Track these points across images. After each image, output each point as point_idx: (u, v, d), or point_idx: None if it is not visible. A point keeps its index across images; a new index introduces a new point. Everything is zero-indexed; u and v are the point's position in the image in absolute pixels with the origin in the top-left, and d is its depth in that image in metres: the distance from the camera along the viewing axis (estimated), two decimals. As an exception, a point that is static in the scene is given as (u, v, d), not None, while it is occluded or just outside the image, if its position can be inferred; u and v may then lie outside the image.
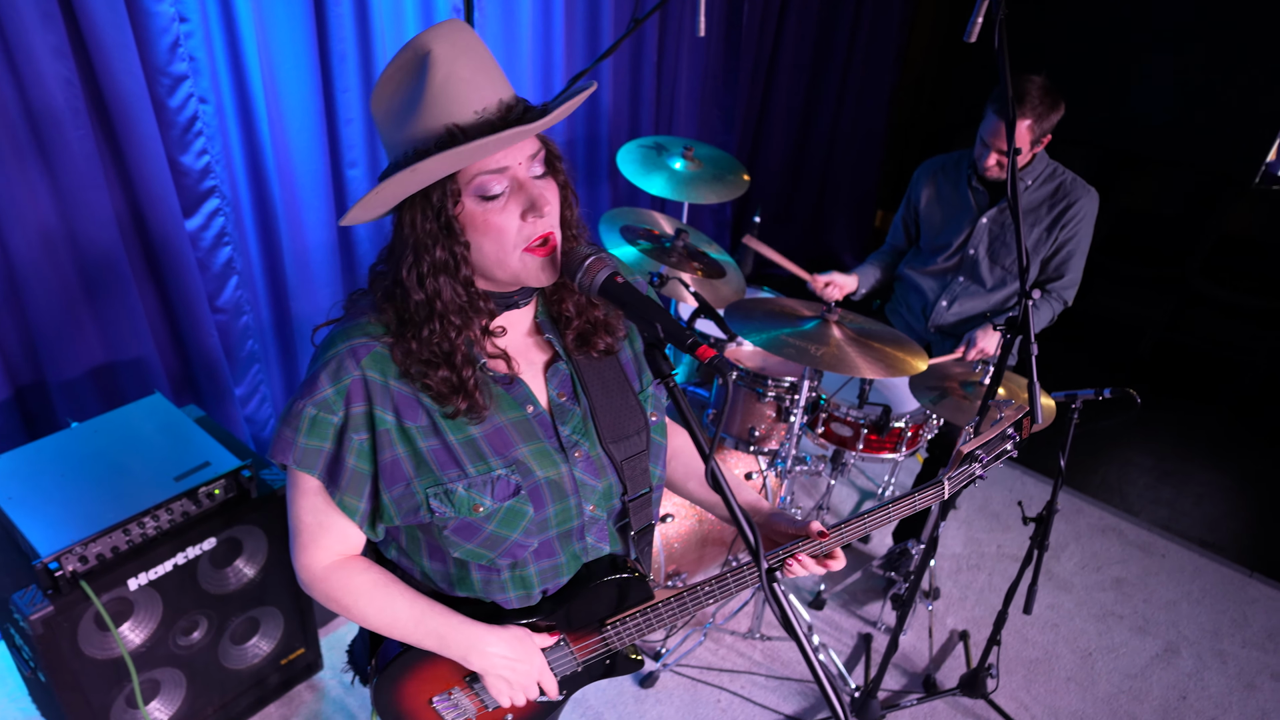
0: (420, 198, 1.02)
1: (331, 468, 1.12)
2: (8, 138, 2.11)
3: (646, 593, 1.30)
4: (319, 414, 1.09)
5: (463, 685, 1.29)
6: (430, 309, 1.06)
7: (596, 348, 1.21)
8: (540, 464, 1.16)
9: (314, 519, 1.16)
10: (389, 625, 1.21)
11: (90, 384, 2.53)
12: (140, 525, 1.87)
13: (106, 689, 1.98)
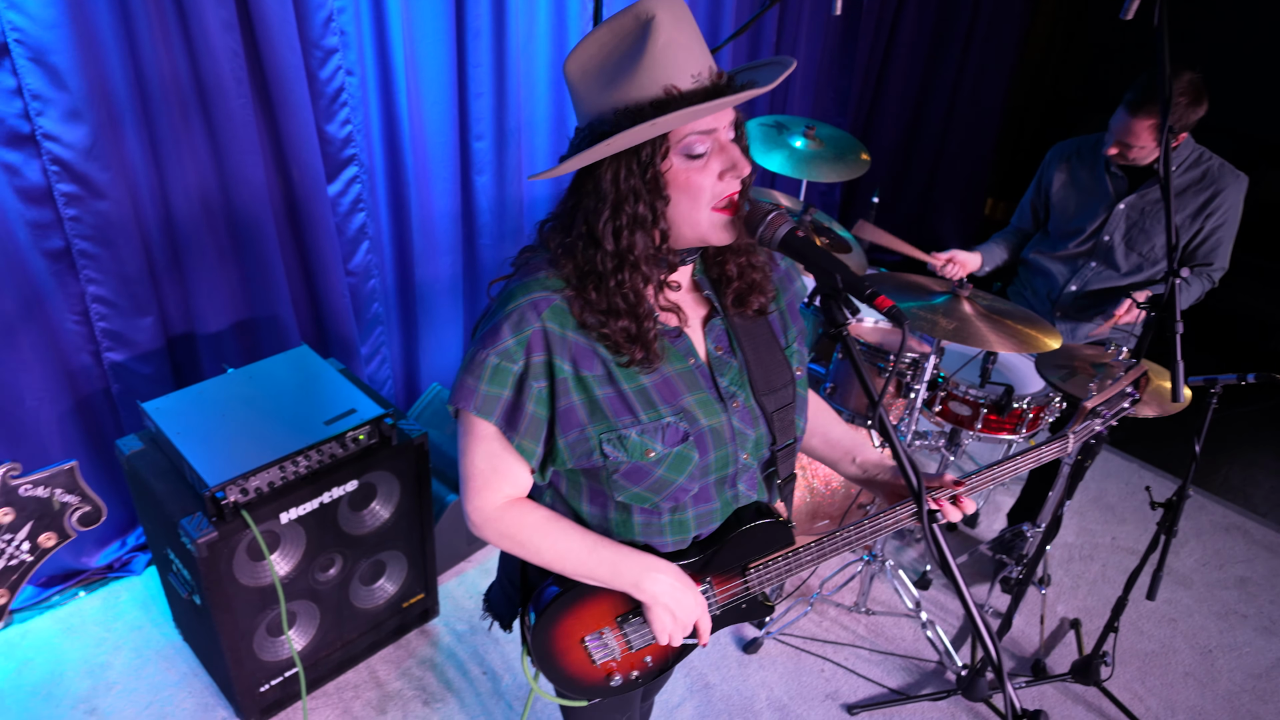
0: (628, 154, 1.12)
1: (509, 414, 1.23)
2: (178, 106, 2.35)
3: (789, 538, 1.41)
4: (500, 363, 1.21)
5: (613, 626, 1.40)
6: (621, 260, 1.17)
7: (751, 307, 1.33)
8: (704, 413, 1.28)
9: (488, 464, 1.29)
10: (561, 556, 1.32)
11: (232, 337, 2.78)
12: (294, 463, 2.08)
13: (252, 615, 2.21)
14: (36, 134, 2.25)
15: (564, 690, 1.43)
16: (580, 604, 1.37)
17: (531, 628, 1.38)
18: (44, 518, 0.89)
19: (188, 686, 2.56)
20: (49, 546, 0.90)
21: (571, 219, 1.21)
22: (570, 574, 1.33)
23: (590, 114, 1.16)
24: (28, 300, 2.43)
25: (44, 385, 2.56)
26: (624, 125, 1.09)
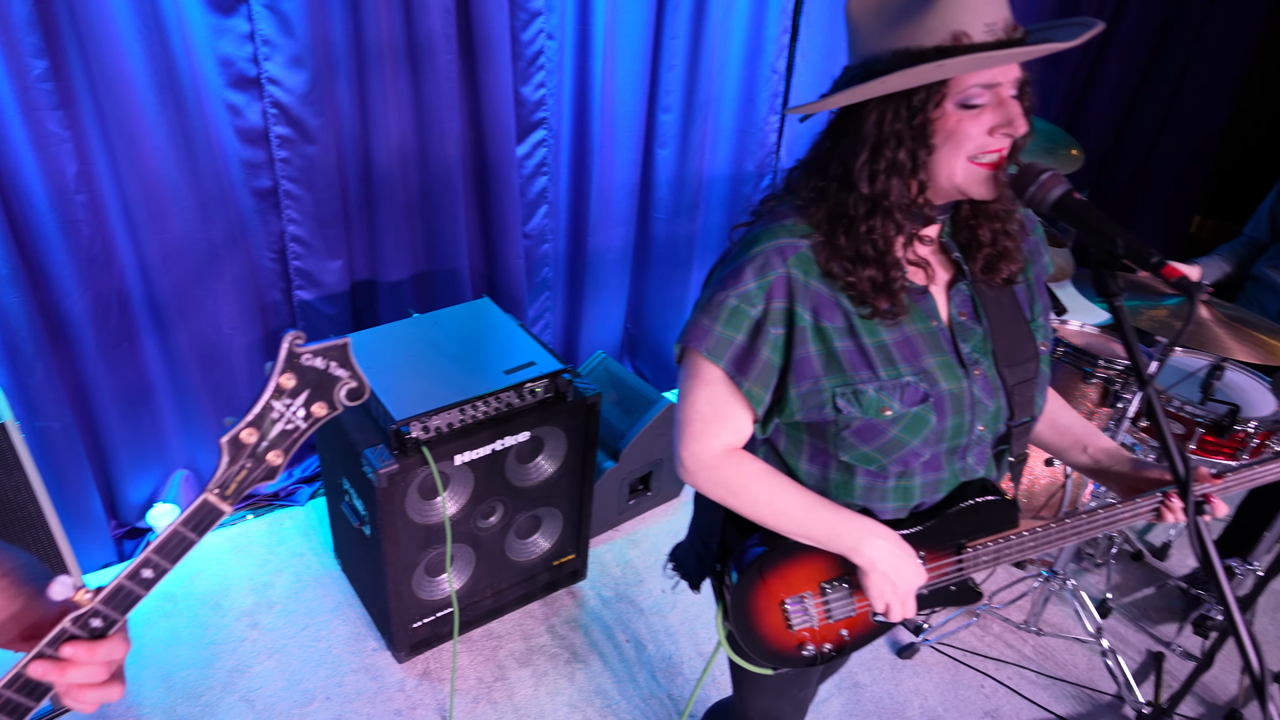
0: (898, 97, 1.11)
1: (740, 359, 1.24)
2: (390, 58, 2.48)
3: (1012, 520, 1.35)
4: (739, 305, 1.21)
5: (815, 591, 1.38)
6: (874, 205, 1.16)
7: (1000, 275, 1.29)
8: (945, 376, 1.25)
9: (710, 409, 1.29)
10: (777, 510, 1.30)
11: (411, 287, 2.92)
12: (473, 408, 2.16)
13: (416, 551, 2.30)
14: (261, 78, 2.42)
15: (752, 655, 1.42)
16: (784, 564, 1.36)
17: (731, 585, 1.38)
18: (319, 388, 0.95)
19: (341, 615, 2.70)
20: (320, 416, 0.96)
21: (826, 162, 1.20)
22: (783, 530, 1.31)
23: (865, 53, 1.14)
24: (234, 235, 2.62)
25: (239, 316, 2.76)
26: (902, 67, 1.07)
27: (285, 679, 2.53)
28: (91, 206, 2.44)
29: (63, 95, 2.25)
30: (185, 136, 2.41)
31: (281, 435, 0.94)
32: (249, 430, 0.92)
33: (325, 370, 0.95)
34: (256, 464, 0.94)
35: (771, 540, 1.34)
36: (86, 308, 2.54)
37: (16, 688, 0.90)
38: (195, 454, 3.00)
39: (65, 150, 2.32)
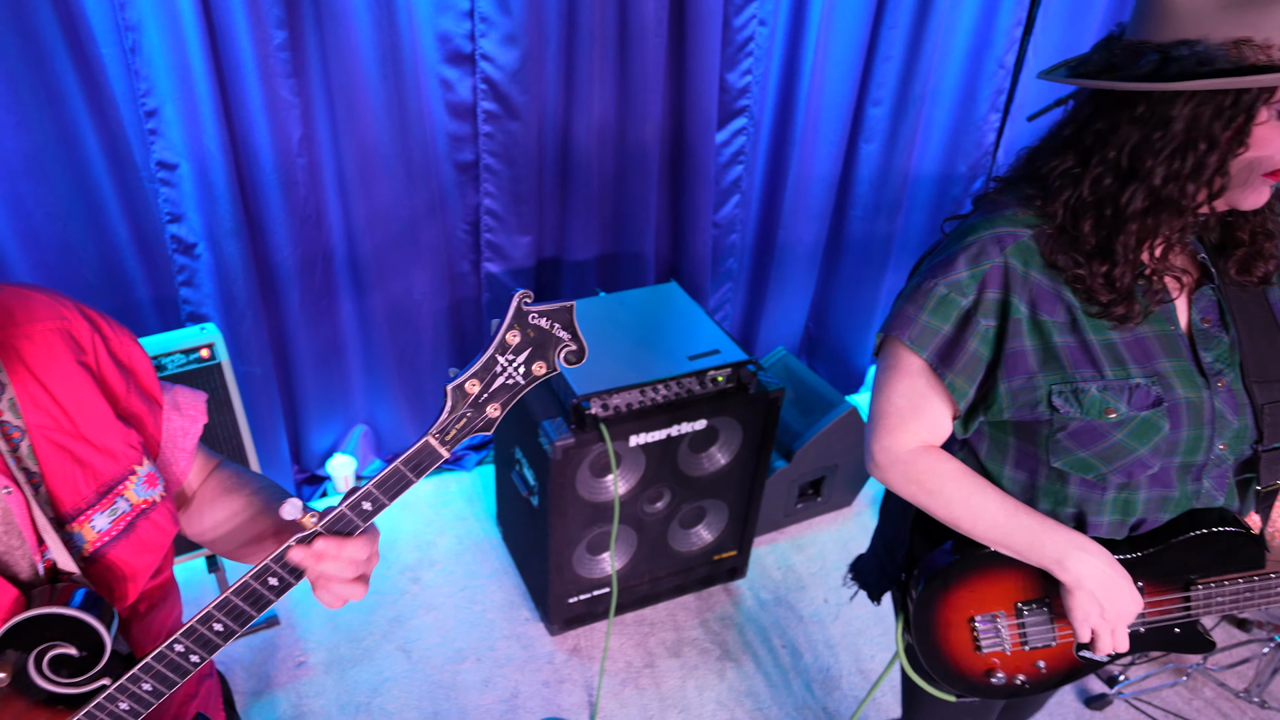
0: (1224, 94, 1.01)
1: (945, 350, 1.18)
2: (599, 39, 2.54)
3: (1255, 560, 1.23)
4: (949, 294, 1.17)
5: (1010, 611, 1.30)
6: (1157, 204, 1.07)
7: (1256, 274, 1.18)
8: (1182, 382, 1.15)
9: (908, 401, 1.24)
10: (974, 513, 1.23)
11: (595, 268, 2.98)
12: (654, 390, 2.18)
13: (580, 528, 2.35)
14: (476, 54, 2.53)
15: (934, 675, 1.36)
16: (977, 576, 1.29)
17: (916, 595, 1.32)
18: (540, 348, 0.98)
19: (498, 582, 2.80)
20: (539, 375, 0.98)
21: (1094, 147, 1.11)
22: (979, 536, 1.24)
23: (1179, 35, 1.03)
24: (433, 205, 2.76)
25: (430, 283, 2.90)
26: (1244, 61, 0.98)
27: (440, 635, 2.65)
28: (310, 169, 2.62)
29: (296, 64, 2.44)
30: (400, 108, 2.55)
31: (501, 389, 0.97)
32: (473, 381, 0.96)
33: (549, 330, 0.97)
34: (476, 414, 0.97)
35: (965, 549, 1.28)
36: (295, 264, 2.74)
37: (244, 594, 0.98)
38: (376, 411, 3.19)
39: (293, 116, 2.51)
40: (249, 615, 1.00)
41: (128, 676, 0.99)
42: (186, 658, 1.00)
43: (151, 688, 1.01)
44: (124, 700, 1.01)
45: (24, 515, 0.98)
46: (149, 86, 2.30)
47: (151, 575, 1.13)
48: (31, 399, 1.01)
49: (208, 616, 0.98)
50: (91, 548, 1.03)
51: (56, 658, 0.97)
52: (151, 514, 1.10)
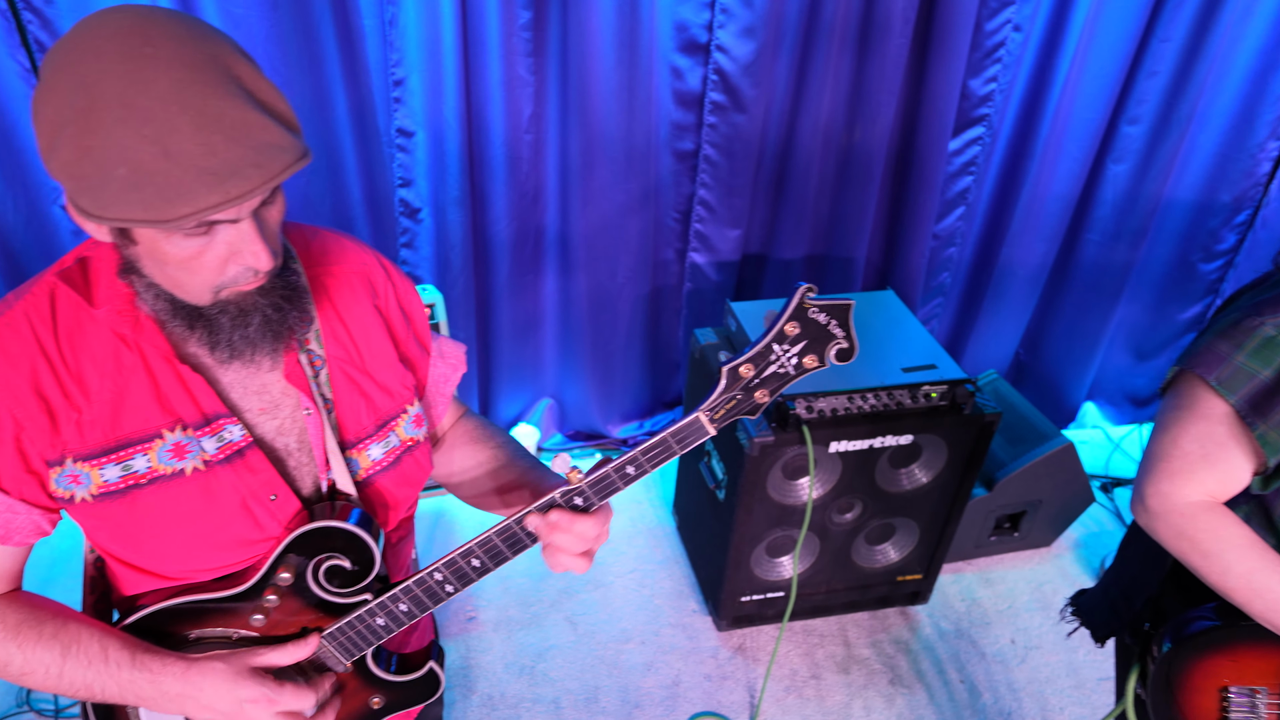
0: None
1: (1260, 398, 1.12)
2: (839, 35, 2.54)
3: None
4: (1277, 336, 1.10)
5: (1275, 690, 1.23)
6: None
7: None
8: None
9: (1199, 448, 1.17)
10: (1254, 591, 1.15)
11: (800, 268, 2.99)
12: (862, 398, 2.17)
13: (763, 528, 2.37)
14: (711, 44, 2.58)
15: None
16: (1240, 648, 1.22)
17: (1163, 652, 1.26)
18: (814, 342, 1.01)
19: (668, 570, 2.86)
20: (809, 368, 1.01)
21: None
22: (1256, 614, 1.16)
23: None
24: (647, 191, 2.84)
25: (633, 267, 2.99)
26: None
27: (607, 613, 2.74)
28: (535, 147, 2.76)
29: (536, 43, 2.57)
30: (629, 93, 2.64)
31: (773, 377, 1.01)
32: (748, 365, 1.00)
33: (825, 326, 1.00)
34: (745, 397, 1.01)
35: (1230, 616, 1.20)
36: (509, 238, 2.89)
37: (504, 536, 1.07)
38: (564, 386, 3.32)
39: (526, 94, 2.65)
40: (505, 556, 1.08)
41: (389, 595, 1.10)
42: (443, 587, 1.10)
43: (407, 609, 1.11)
44: (381, 616, 1.11)
45: (318, 436, 1.11)
46: (400, 57, 2.48)
47: (405, 508, 1.24)
48: (332, 332, 1.14)
49: (468, 551, 1.07)
50: (364, 474, 1.15)
51: (332, 568, 1.09)
52: (415, 451, 1.21)
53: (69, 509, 1.04)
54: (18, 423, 0.98)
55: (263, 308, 0.98)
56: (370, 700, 1.20)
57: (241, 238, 0.90)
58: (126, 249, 0.93)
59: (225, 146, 0.82)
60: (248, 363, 1.02)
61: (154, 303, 0.97)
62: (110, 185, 0.82)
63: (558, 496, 1.05)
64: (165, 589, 1.12)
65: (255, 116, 0.85)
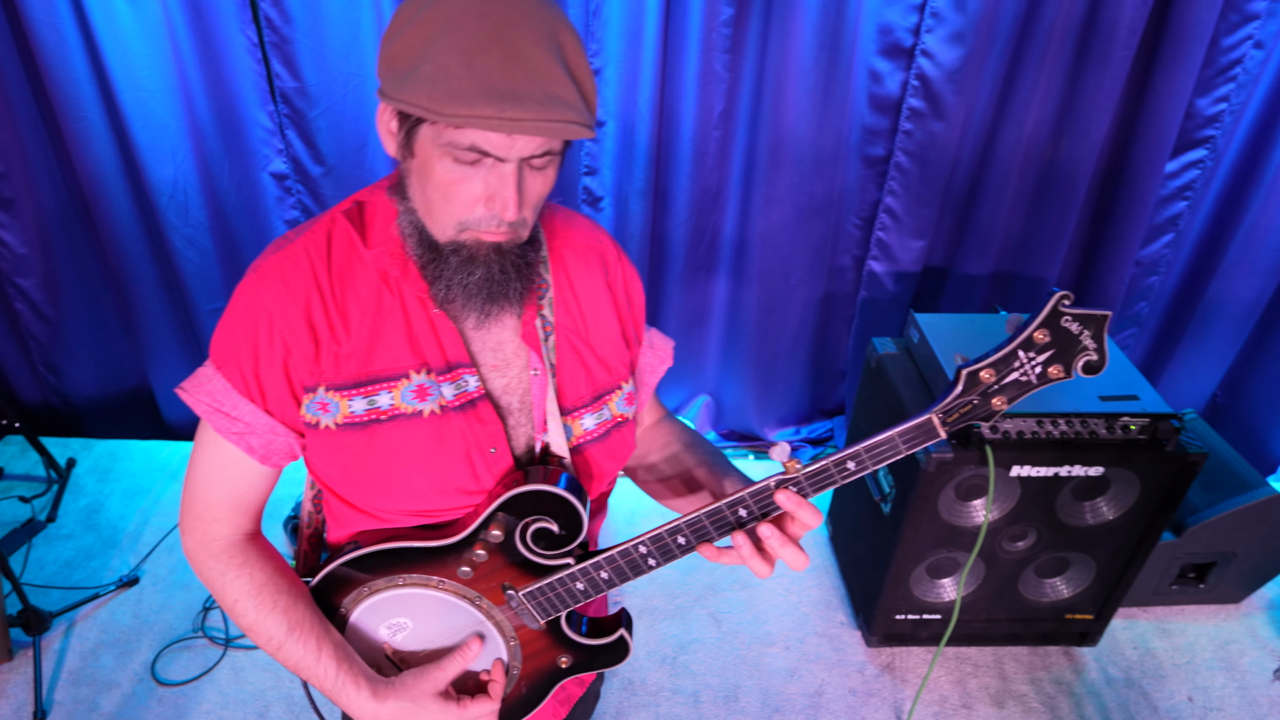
0: None
1: None
2: (1055, 45, 2.44)
3: None
4: None
5: None
6: None
7: None
8: None
9: None
10: None
11: (984, 285, 2.91)
12: (1053, 423, 2.07)
13: (928, 547, 2.31)
14: (916, 49, 2.51)
15: None
16: None
17: None
18: (1062, 352, 0.96)
19: (817, 578, 2.81)
20: (1053, 378, 0.97)
21: None
22: None
23: None
24: (830, 195, 2.79)
25: (807, 271, 2.95)
26: None
27: (751, 614, 2.72)
28: (722, 144, 2.76)
29: (735, 40, 2.57)
30: (824, 95, 2.60)
31: (1014, 384, 0.97)
32: (989, 370, 0.96)
33: (1076, 336, 0.95)
34: (982, 402, 0.98)
35: None
36: (686, 233, 2.91)
37: (713, 518, 1.06)
38: (723, 385, 3.31)
39: (720, 90, 2.65)
40: (710, 537, 1.08)
41: (591, 562, 1.12)
42: (645, 559, 1.11)
43: (608, 577, 1.13)
44: (581, 581, 1.14)
45: (540, 398, 1.14)
46: (599, 47, 2.53)
47: (606, 482, 1.27)
48: (564, 302, 1.18)
49: (675, 529, 1.08)
50: (575, 442, 1.18)
51: (540, 530, 1.12)
52: (624, 428, 1.23)
53: (311, 435, 1.11)
54: (287, 348, 1.06)
55: (491, 264, 1.02)
56: (558, 659, 1.23)
57: (501, 181, 0.96)
58: (405, 161, 1.01)
59: (519, 79, 0.89)
60: (482, 315, 1.06)
61: (407, 228, 1.05)
62: (413, 76, 0.91)
63: (773, 484, 1.04)
64: (373, 533, 1.19)
65: (558, 72, 0.91)
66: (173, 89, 2.63)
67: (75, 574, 2.91)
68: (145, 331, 3.16)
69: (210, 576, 1.18)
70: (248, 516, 1.18)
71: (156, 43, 2.55)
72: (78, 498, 3.22)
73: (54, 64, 2.57)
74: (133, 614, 2.76)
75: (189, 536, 1.18)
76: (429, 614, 1.19)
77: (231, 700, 2.50)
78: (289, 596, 1.15)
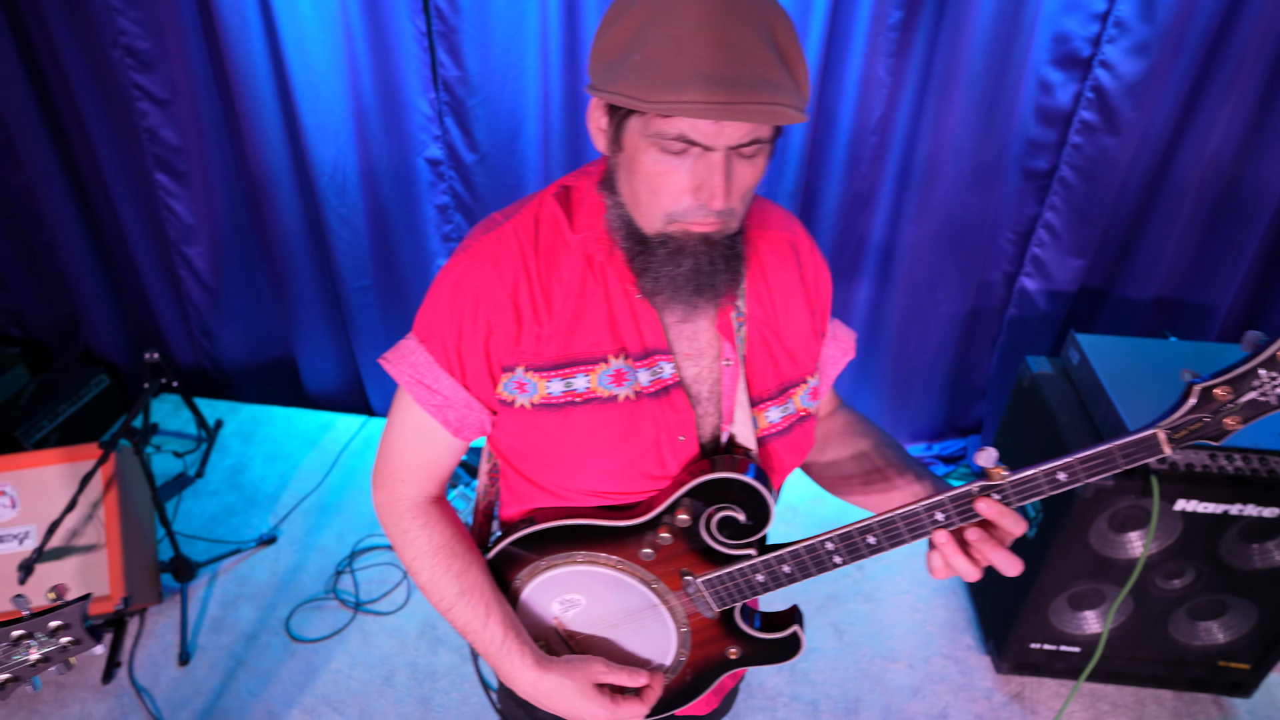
0: None
1: None
2: (1251, 58, 2.33)
3: None
4: None
5: None
6: None
7: None
8: None
9: None
10: None
11: (1146, 310, 2.80)
12: (1227, 457, 1.99)
13: (1072, 576, 2.23)
14: (1094, 60, 2.43)
15: None
16: None
17: None
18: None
19: (944, 598, 2.76)
20: None
21: None
22: None
23: None
24: (986, 207, 2.74)
25: (955, 283, 2.90)
26: None
27: (874, 627, 2.68)
28: (878, 150, 2.73)
29: (902, 45, 2.54)
30: (991, 104, 2.54)
31: (1250, 404, 0.94)
32: (1224, 387, 0.93)
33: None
34: (1213, 421, 0.95)
35: None
36: (832, 238, 2.89)
37: (908, 520, 1.06)
38: (856, 396, 3.26)
39: (880, 95, 2.62)
40: (902, 539, 1.08)
41: (775, 555, 1.13)
42: (831, 557, 1.11)
43: (790, 571, 1.14)
44: (762, 573, 1.15)
45: (730, 388, 1.16)
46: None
47: (784, 477, 1.27)
48: (755, 293, 1.18)
49: (866, 528, 1.08)
50: (759, 434, 1.19)
51: (725, 519, 1.13)
52: (806, 423, 1.23)
53: (504, 413, 1.15)
54: (490, 328, 1.10)
55: (699, 256, 1.03)
56: (727, 650, 1.25)
57: (709, 170, 0.96)
58: (614, 156, 1.03)
59: (728, 64, 0.89)
60: (689, 307, 1.07)
61: (615, 222, 1.06)
62: (622, 67, 0.93)
63: (976, 490, 1.03)
64: (549, 510, 1.22)
65: (768, 55, 0.91)
66: (341, 73, 2.77)
67: (219, 528, 3.09)
68: (294, 304, 3.33)
69: (394, 532, 1.24)
70: (434, 482, 1.24)
71: (331, 29, 2.68)
72: (224, 457, 3.42)
73: (236, 46, 2.74)
74: (270, 571, 2.92)
75: (379, 492, 1.25)
76: (604, 593, 1.21)
77: (359, 662, 2.61)
78: (463, 561, 1.20)
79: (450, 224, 3.09)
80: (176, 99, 2.96)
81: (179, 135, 3.05)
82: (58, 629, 1.10)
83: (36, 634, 1.10)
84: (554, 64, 2.67)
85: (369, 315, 3.25)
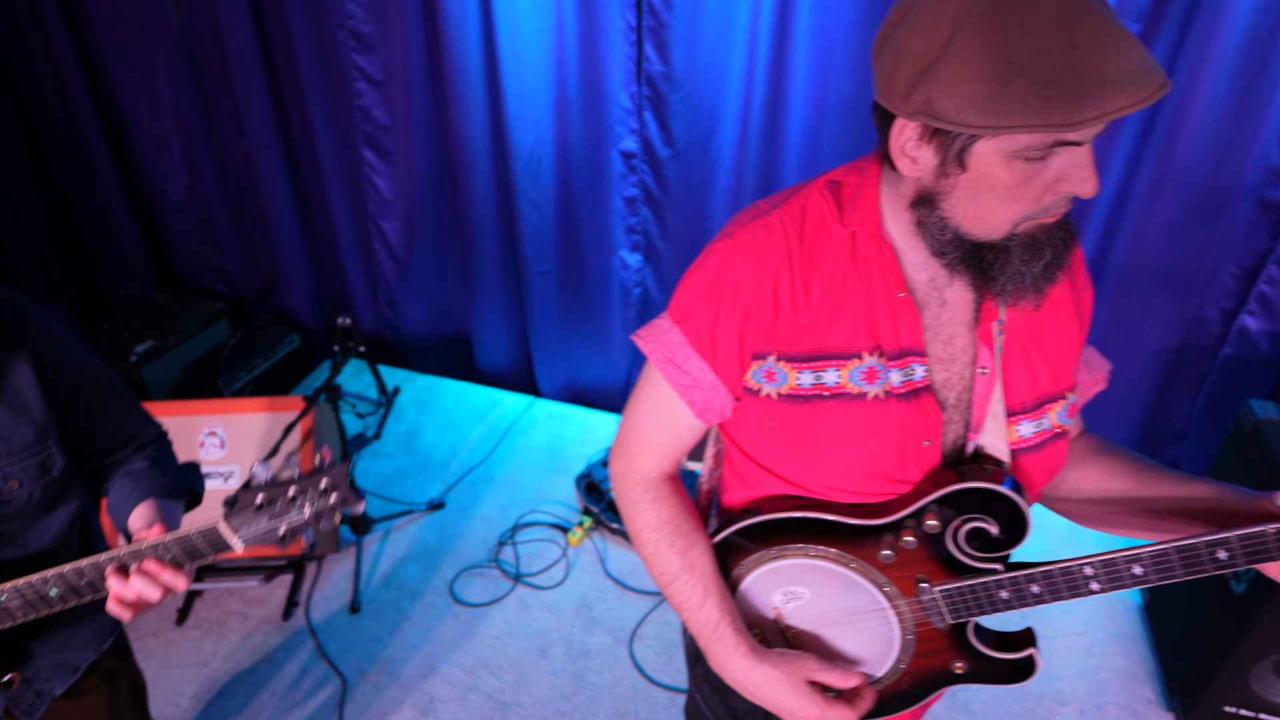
0: None
1: None
2: None
3: None
4: None
5: None
6: None
7: None
8: None
9: None
10: None
11: None
12: None
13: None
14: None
15: None
16: None
17: None
18: None
19: (1122, 646, 2.62)
20: None
21: None
22: None
23: None
24: (1210, 238, 2.58)
25: (1165, 316, 2.74)
26: None
27: (1045, 667, 2.52)
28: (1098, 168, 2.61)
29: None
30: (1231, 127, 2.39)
31: None
32: None
33: None
34: None
35: None
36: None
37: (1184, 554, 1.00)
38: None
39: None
40: (1174, 575, 1.02)
41: (1025, 573, 1.10)
42: (1088, 582, 1.07)
43: (1038, 591, 1.10)
44: (1006, 590, 1.11)
45: (983, 398, 1.11)
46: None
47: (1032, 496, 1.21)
48: None
49: (1134, 557, 1.03)
50: (1010, 448, 1.15)
51: (975, 530, 1.10)
52: (1060, 441, 1.18)
53: (747, 400, 1.16)
54: (748, 314, 1.11)
55: (1055, 244, 0.99)
56: (953, 663, 1.22)
57: (1076, 162, 0.93)
58: (943, 179, 0.98)
59: (1115, 57, 0.85)
60: (1045, 299, 1.03)
61: (938, 235, 1.02)
62: (1008, 94, 0.86)
63: (1270, 532, 0.97)
64: (778, 500, 1.22)
65: (1126, 34, 0.87)
66: (549, 63, 2.86)
67: (392, 489, 3.25)
68: (477, 282, 3.46)
69: (625, 502, 1.27)
70: (670, 459, 1.26)
71: (544, 19, 2.78)
72: (399, 422, 3.59)
73: (453, 32, 2.87)
74: (438, 534, 3.05)
75: (616, 461, 1.28)
76: (830, 589, 1.20)
77: (517, 631, 2.70)
78: (688, 539, 1.22)
79: (636, 216, 3.15)
80: (391, 80, 3.13)
81: (389, 115, 3.22)
82: (326, 488, 1.18)
83: (309, 491, 1.17)
84: (760, 64, 2.67)
85: (546, 300, 3.35)
